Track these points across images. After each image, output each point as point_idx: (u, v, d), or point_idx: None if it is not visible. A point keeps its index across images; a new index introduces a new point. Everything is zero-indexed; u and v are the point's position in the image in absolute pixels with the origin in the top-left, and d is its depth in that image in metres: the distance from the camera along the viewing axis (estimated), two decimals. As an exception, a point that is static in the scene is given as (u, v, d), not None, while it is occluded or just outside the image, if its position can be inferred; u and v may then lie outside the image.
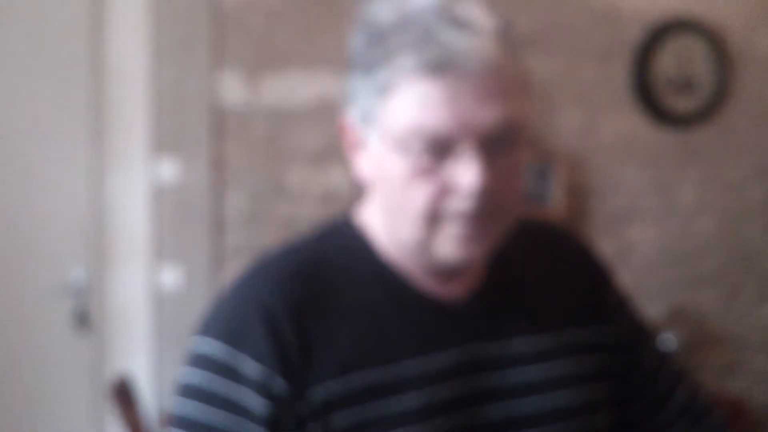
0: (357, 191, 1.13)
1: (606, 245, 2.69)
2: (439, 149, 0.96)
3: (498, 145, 0.97)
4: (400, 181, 0.98)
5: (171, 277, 2.42)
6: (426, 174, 0.97)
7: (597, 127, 2.76)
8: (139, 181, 2.40)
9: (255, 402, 0.96)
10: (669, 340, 2.67)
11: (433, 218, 0.98)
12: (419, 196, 0.97)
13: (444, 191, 0.97)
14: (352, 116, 1.03)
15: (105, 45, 2.38)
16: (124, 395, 2.02)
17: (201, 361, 0.99)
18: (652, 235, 2.84)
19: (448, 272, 1.05)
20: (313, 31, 2.49)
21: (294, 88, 2.49)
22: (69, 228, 2.40)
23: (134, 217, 2.41)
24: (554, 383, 1.07)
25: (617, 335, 1.14)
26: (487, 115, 0.96)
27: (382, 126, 0.98)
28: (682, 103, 2.80)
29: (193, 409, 0.98)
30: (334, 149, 2.48)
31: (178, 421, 0.99)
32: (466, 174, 0.96)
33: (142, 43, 2.38)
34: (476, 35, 0.95)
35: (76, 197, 2.40)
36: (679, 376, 1.18)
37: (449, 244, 0.99)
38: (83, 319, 2.41)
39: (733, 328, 2.92)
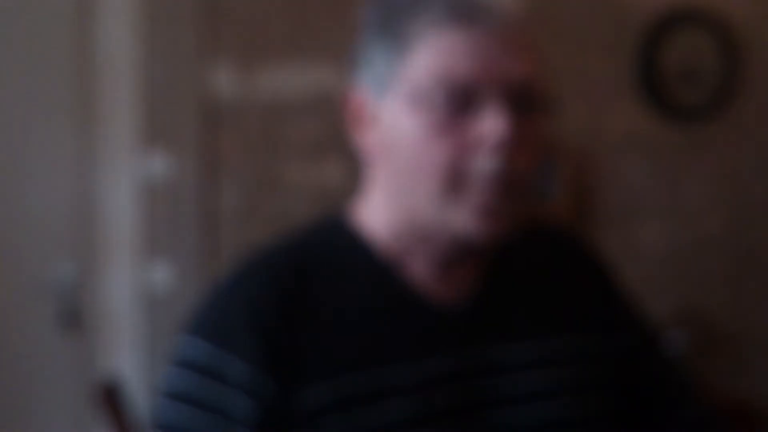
0: (357, 185, 1.09)
1: (611, 242, 2.69)
2: (462, 101, 0.94)
3: (521, 105, 0.95)
4: (418, 139, 0.95)
5: (161, 274, 2.39)
6: (447, 129, 0.94)
7: (601, 121, 2.75)
8: (128, 175, 2.37)
9: (242, 404, 0.93)
10: (676, 338, 2.66)
11: (456, 180, 0.94)
12: (441, 153, 0.94)
13: (467, 148, 0.94)
14: (363, 86, 1.01)
15: (92, 33, 2.35)
16: (112, 398, 1.98)
17: (186, 363, 0.97)
18: (658, 231, 2.83)
19: (458, 256, 1.00)
20: (310, 21, 2.46)
21: (290, 79, 2.46)
22: (55, 224, 2.37)
23: (123, 212, 2.38)
24: (555, 391, 1.04)
25: (622, 343, 1.11)
26: (513, 66, 0.95)
27: (400, 84, 0.96)
28: (689, 97, 2.79)
29: (178, 413, 0.95)
30: (332, 143, 2.47)
31: (163, 426, 0.96)
32: (492, 124, 0.93)
33: (131, 31, 2.34)
34: None
35: (63, 192, 2.37)
36: (684, 385, 1.15)
37: (471, 215, 0.95)
38: (70, 319, 2.38)
39: (741, 327, 2.91)
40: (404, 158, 0.97)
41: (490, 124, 0.93)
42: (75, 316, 2.39)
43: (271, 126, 2.46)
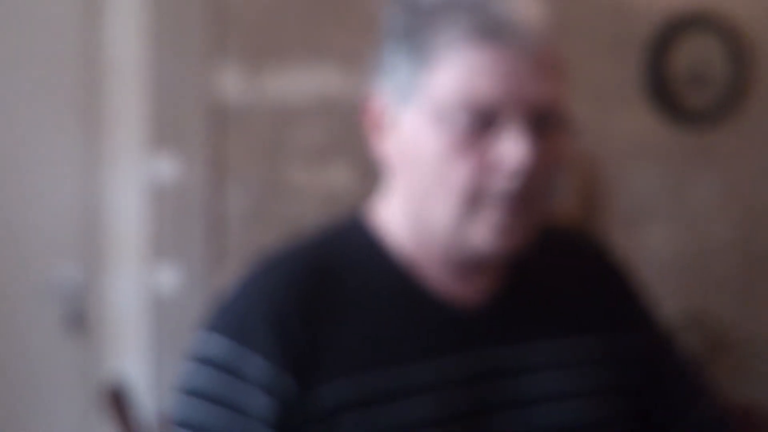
0: (365, 188, 1.09)
1: (618, 246, 2.67)
2: (484, 122, 0.93)
3: (541, 127, 0.95)
4: (438, 157, 0.94)
5: (168, 277, 2.38)
6: (468, 149, 0.94)
7: (609, 125, 2.73)
8: (135, 177, 2.37)
9: (261, 401, 0.94)
10: (683, 343, 2.64)
11: (474, 198, 0.94)
12: (460, 172, 0.94)
13: (486, 168, 0.94)
14: (383, 93, 1.00)
15: (100, 36, 2.35)
16: (119, 401, 1.98)
17: (206, 360, 0.97)
18: (665, 235, 2.81)
19: (473, 267, 1.01)
20: (317, 24, 2.46)
21: (297, 82, 2.46)
22: (61, 226, 2.36)
23: (130, 215, 2.38)
24: (573, 393, 1.04)
25: (639, 345, 1.11)
26: (537, 89, 0.94)
27: (422, 98, 0.95)
28: (697, 101, 2.77)
29: (196, 410, 0.96)
30: (339, 146, 2.47)
31: (180, 422, 0.97)
32: (513, 149, 0.93)
33: (139, 34, 2.34)
34: (526, 9, 0.95)
35: (69, 194, 2.37)
36: (699, 387, 1.15)
37: (487, 232, 0.95)
38: (76, 322, 2.37)
39: (748, 332, 2.89)
40: (423, 173, 0.97)
41: (511, 149, 0.93)
42: (81, 319, 2.38)
43: (279, 129, 2.46)
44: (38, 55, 2.31)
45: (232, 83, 2.42)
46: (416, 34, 0.96)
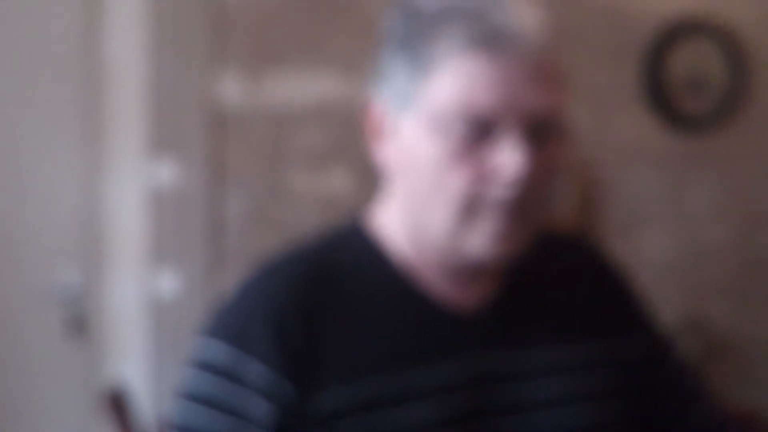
0: (364, 193, 1.09)
1: (616, 251, 2.67)
2: (481, 131, 0.93)
3: (538, 135, 0.94)
4: (436, 165, 0.94)
5: (168, 282, 2.39)
6: (465, 157, 0.93)
7: (608, 130, 2.74)
8: (135, 182, 2.38)
9: (261, 407, 0.94)
10: (680, 348, 2.64)
11: (471, 206, 0.94)
12: (457, 180, 0.94)
13: (483, 177, 0.94)
14: (383, 99, 1.00)
15: (101, 42, 2.35)
16: (118, 405, 1.97)
17: (206, 365, 0.97)
18: (663, 240, 2.82)
19: (471, 273, 1.01)
20: (317, 31, 2.46)
21: (296, 88, 2.46)
22: (62, 231, 2.37)
23: (130, 219, 2.38)
24: (572, 398, 1.03)
25: (638, 349, 1.11)
26: (535, 98, 0.93)
27: (420, 105, 0.95)
28: (695, 107, 2.78)
29: (196, 415, 0.96)
30: (338, 151, 2.47)
31: (180, 427, 0.97)
32: (509, 159, 0.93)
33: (139, 40, 2.35)
34: (525, 18, 0.94)
35: (70, 199, 2.37)
36: (697, 391, 1.15)
37: (484, 240, 0.96)
38: (77, 326, 2.38)
39: (746, 336, 2.89)
40: (421, 180, 0.97)
41: (508, 158, 0.93)
42: (81, 323, 2.38)
43: (278, 134, 2.46)
44: (39, 60, 2.32)
45: (231, 88, 2.42)
46: (415, 41, 0.96)
